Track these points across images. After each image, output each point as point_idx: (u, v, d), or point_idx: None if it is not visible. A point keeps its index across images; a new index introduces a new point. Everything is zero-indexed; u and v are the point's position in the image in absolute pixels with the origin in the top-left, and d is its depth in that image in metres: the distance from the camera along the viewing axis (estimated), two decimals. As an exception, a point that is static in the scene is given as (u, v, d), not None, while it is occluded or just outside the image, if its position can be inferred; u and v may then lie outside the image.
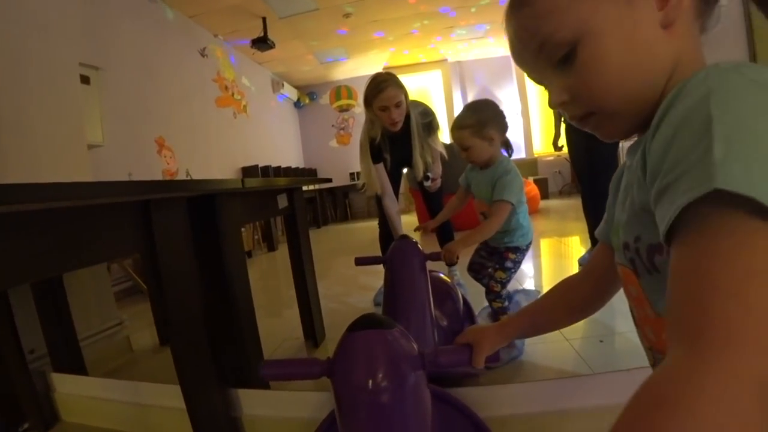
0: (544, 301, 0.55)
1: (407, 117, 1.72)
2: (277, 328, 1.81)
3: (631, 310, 0.42)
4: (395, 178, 1.92)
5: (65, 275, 1.45)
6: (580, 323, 1.49)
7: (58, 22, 1.97)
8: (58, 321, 1.39)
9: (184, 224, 0.82)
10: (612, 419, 0.23)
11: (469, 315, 1.21)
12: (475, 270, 1.40)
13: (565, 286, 0.54)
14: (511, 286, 1.44)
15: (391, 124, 1.66)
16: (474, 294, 1.56)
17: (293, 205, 1.43)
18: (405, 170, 2.03)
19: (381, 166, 1.82)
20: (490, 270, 1.28)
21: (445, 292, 1.16)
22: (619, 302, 0.50)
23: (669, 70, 0.34)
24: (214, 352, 0.98)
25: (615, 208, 0.43)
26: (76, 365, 1.45)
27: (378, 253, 1.91)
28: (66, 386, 1.37)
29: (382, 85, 1.62)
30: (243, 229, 3.39)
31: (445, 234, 1.93)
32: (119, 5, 3.12)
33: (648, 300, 0.37)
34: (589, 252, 2.29)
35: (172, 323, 0.88)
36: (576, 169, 2.25)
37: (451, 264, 1.27)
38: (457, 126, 1.23)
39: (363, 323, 0.50)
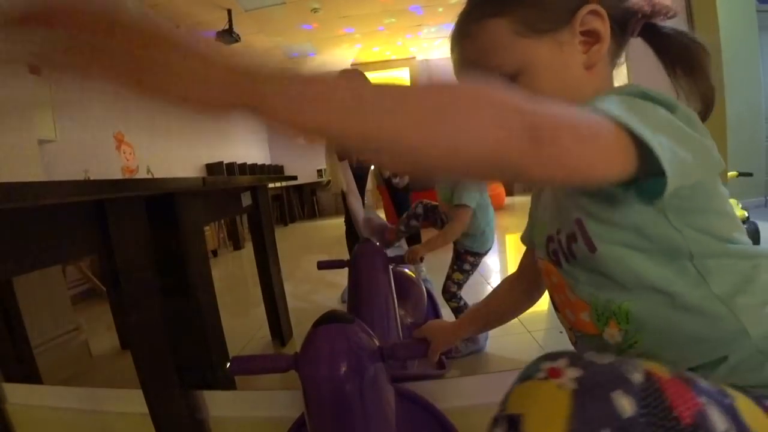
0: (491, 300, 0.64)
1: None
2: (244, 327, 1.80)
3: (552, 299, 0.48)
4: (361, 176, 1.94)
5: (15, 279, 1.38)
6: (542, 315, 1.56)
7: None
8: (8, 328, 1.33)
9: (142, 225, 0.81)
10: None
11: (433, 309, 1.25)
12: None
13: (507, 285, 0.63)
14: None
15: None
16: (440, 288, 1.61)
17: (257, 203, 1.42)
18: (372, 167, 2.04)
19: (345, 163, 1.83)
20: (448, 270, 1.32)
21: (409, 289, 1.19)
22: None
23: (589, 101, 0.41)
24: (177, 355, 0.96)
25: (537, 211, 0.50)
26: (29, 374, 1.39)
27: (344, 250, 1.93)
28: (18, 396, 1.31)
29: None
30: (207, 228, 3.31)
31: (412, 235, 1.96)
32: None
33: (567, 285, 0.43)
34: None
35: (132, 326, 0.87)
36: None
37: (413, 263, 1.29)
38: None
39: (326, 319, 0.54)
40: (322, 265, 1.16)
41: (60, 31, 0.22)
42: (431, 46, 5.80)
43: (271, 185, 1.88)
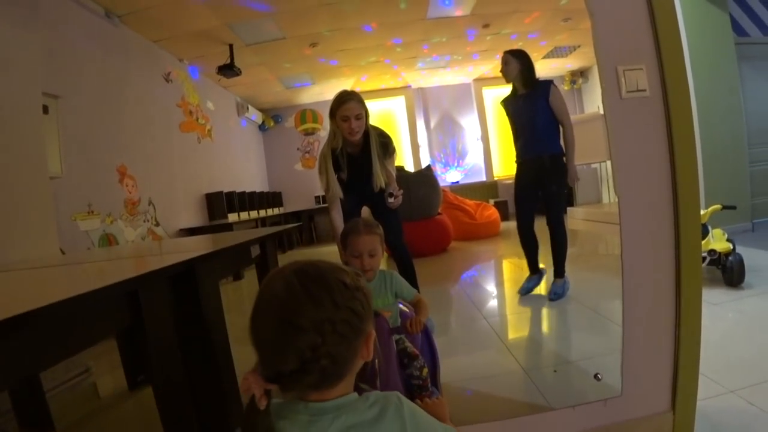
0: None
1: (367, 134, 1.89)
2: (250, 354, 1.84)
3: None
4: (360, 192, 1.99)
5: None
6: (537, 355, 1.64)
7: (18, 53, 1.95)
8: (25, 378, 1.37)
9: (168, 300, 0.88)
10: None
11: (430, 347, 1.29)
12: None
13: None
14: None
15: (350, 133, 1.83)
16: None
17: (265, 252, 1.49)
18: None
19: (336, 178, 1.92)
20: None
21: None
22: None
23: None
24: (195, 395, 1.01)
25: None
26: (42, 419, 1.42)
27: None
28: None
29: (345, 98, 1.83)
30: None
31: (406, 274, 1.93)
32: (78, 31, 3.06)
33: None
34: (528, 281, 2.48)
35: (159, 398, 0.91)
36: (519, 203, 2.49)
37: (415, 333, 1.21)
38: (370, 232, 1.24)
39: None
40: None
41: None
42: (425, 76, 5.99)
43: (269, 212, 1.95)
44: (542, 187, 2.36)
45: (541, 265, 2.49)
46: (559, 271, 2.37)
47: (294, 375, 0.51)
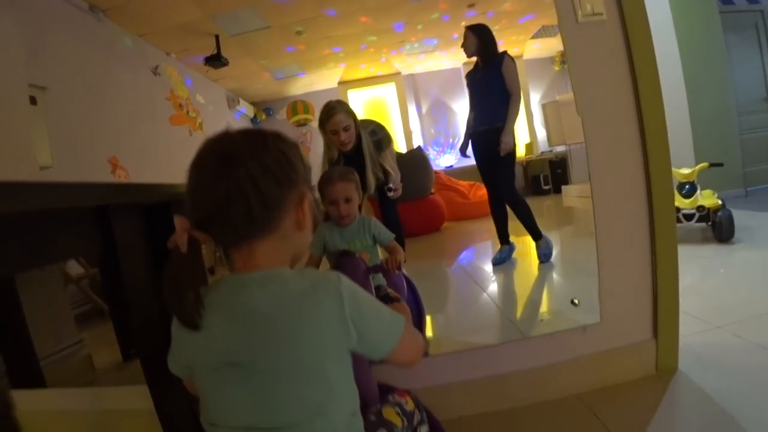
0: None
1: (359, 138, 1.90)
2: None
3: None
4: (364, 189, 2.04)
5: (22, 294, 1.45)
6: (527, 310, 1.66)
7: (1, 43, 1.96)
8: (16, 339, 1.39)
9: (141, 231, 0.89)
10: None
11: (414, 298, 1.32)
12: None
13: None
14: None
15: (341, 144, 1.84)
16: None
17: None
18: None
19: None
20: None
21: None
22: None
23: None
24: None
25: None
26: (37, 384, 1.44)
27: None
28: (27, 403, 1.37)
29: (332, 112, 1.81)
30: (204, 246, 3.36)
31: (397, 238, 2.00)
32: (63, 24, 3.08)
33: None
34: (499, 252, 2.48)
35: (136, 326, 0.93)
36: (482, 176, 2.50)
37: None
38: (344, 179, 1.26)
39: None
40: None
41: None
42: (414, 61, 5.98)
43: None
44: (494, 157, 2.35)
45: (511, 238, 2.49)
46: (535, 235, 2.37)
47: (221, 209, 0.51)
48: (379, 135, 2.02)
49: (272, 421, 0.51)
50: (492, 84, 2.26)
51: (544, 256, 2.36)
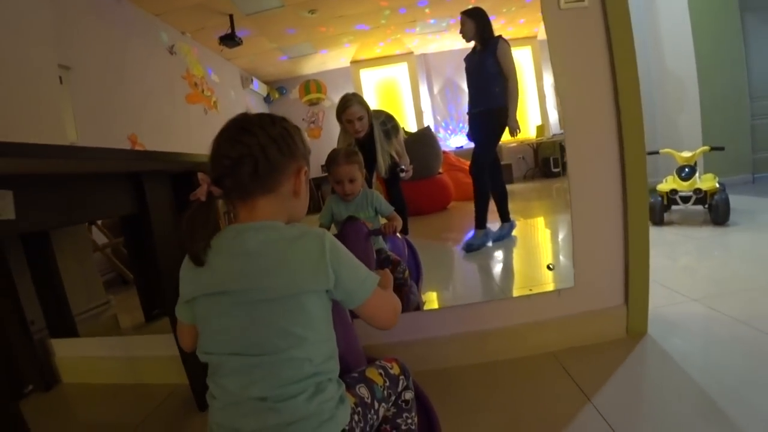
0: None
1: (371, 126, 2.15)
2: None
3: None
4: (371, 170, 2.24)
5: (59, 256, 1.63)
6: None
7: (32, 25, 2.11)
8: (54, 296, 1.57)
9: (168, 194, 1.03)
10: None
11: (415, 260, 1.49)
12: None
13: None
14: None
15: (355, 132, 2.10)
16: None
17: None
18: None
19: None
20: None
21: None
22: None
23: None
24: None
25: None
26: (71, 336, 1.63)
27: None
28: (64, 350, 1.56)
29: (348, 104, 2.07)
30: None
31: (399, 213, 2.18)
32: (83, 5, 3.21)
33: None
34: (473, 237, 2.54)
35: (163, 276, 1.09)
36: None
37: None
38: (348, 161, 1.44)
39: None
40: None
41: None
42: (427, 41, 5.98)
43: None
44: (486, 137, 2.44)
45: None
46: (503, 218, 2.51)
47: (234, 167, 0.62)
48: (388, 125, 2.25)
49: (254, 348, 0.59)
50: (487, 67, 2.34)
51: (499, 237, 2.48)
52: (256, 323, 0.59)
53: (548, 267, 1.44)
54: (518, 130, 2.38)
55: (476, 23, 2.37)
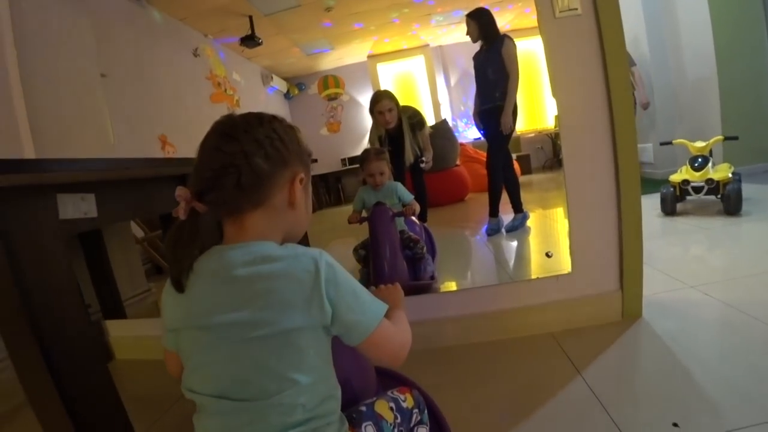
0: None
1: (400, 120, 2.47)
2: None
3: None
4: (397, 164, 2.51)
5: (108, 248, 1.85)
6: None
7: (76, 38, 2.33)
8: (106, 283, 1.80)
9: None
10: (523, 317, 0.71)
11: (430, 240, 1.93)
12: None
13: None
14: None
15: (385, 123, 2.44)
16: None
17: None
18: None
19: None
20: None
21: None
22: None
23: None
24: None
25: None
26: (121, 318, 1.85)
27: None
28: (116, 330, 1.78)
29: (379, 98, 2.45)
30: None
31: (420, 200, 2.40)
32: (113, 14, 3.45)
33: None
34: (489, 224, 2.68)
35: None
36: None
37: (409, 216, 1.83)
38: (378, 158, 1.82)
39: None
40: (351, 221, 1.88)
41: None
42: (442, 33, 6.05)
43: None
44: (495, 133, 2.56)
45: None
46: (516, 208, 2.68)
47: (215, 179, 0.55)
48: (415, 119, 2.58)
49: (240, 392, 0.52)
50: (494, 65, 2.45)
51: (512, 227, 2.63)
52: (242, 364, 0.52)
53: (546, 254, 1.58)
54: (511, 128, 2.50)
55: (479, 24, 2.50)
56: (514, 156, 6.28)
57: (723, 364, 1.17)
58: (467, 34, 2.62)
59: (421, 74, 6.62)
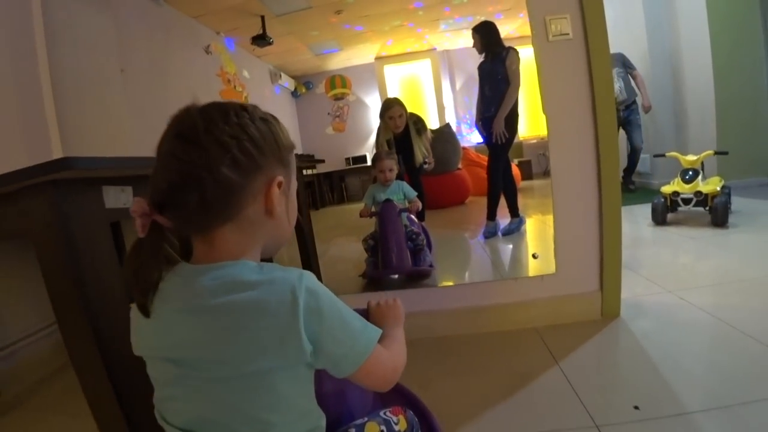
0: None
1: (407, 125, 2.76)
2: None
3: None
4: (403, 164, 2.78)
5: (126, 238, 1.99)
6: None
7: (98, 36, 2.48)
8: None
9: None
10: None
11: (426, 237, 2.13)
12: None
13: None
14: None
15: (394, 128, 2.74)
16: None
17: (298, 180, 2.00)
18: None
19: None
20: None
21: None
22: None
23: None
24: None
25: None
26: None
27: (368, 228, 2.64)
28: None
29: (391, 104, 2.79)
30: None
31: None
32: (131, 12, 3.59)
33: None
34: (486, 226, 2.82)
35: None
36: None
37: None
38: (389, 157, 2.18)
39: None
40: (362, 215, 2.17)
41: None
42: (450, 38, 6.19)
43: (304, 172, 2.55)
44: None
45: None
46: (513, 213, 2.84)
47: (174, 193, 0.47)
48: (419, 124, 2.88)
49: (212, 431, 0.48)
50: (497, 75, 2.60)
51: (508, 231, 2.78)
52: (212, 404, 0.48)
53: (533, 256, 1.72)
54: (504, 136, 2.65)
55: (482, 37, 2.65)
56: (515, 161, 6.47)
57: (686, 358, 1.30)
58: (473, 47, 2.78)
59: (427, 77, 6.75)
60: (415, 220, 2.26)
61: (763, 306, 1.56)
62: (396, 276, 2.05)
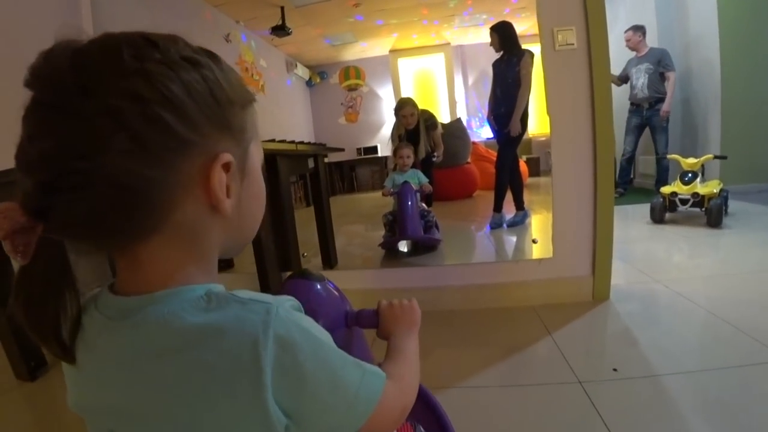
0: None
1: (418, 122, 3.14)
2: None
3: None
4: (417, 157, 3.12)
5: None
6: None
7: (131, 25, 2.68)
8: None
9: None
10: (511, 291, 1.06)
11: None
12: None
13: None
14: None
15: (407, 124, 3.13)
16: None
17: (317, 166, 2.19)
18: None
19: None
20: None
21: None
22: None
23: None
24: (277, 249, 1.73)
25: None
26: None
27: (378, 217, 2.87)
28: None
29: (404, 103, 3.17)
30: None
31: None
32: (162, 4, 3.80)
33: None
34: (492, 218, 3.02)
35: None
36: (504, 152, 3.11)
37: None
38: (407, 146, 2.65)
39: (298, 274, 0.64)
40: (384, 194, 2.61)
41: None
42: (464, 33, 6.36)
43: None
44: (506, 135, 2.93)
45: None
46: (518, 206, 3.06)
47: (46, 196, 0.30)
48: (430, 121, 3.25)
49: None
50: (511, 75, 2.78)
51: (513, 222, 2.99)
52: None
53: (533, 241, 1.93)
54: (519, 133, 2.84)
55: (500, 37, 2.83)
56: (524, 158, 6.66)
57: (662, 336, 1.52)
58: (491, 45, 2.94)
59: (440, 72, 6.93)
60: (425, 207, 2.66)
61: (738, 295, 1.77)
62: (406, 249, 2.53)
